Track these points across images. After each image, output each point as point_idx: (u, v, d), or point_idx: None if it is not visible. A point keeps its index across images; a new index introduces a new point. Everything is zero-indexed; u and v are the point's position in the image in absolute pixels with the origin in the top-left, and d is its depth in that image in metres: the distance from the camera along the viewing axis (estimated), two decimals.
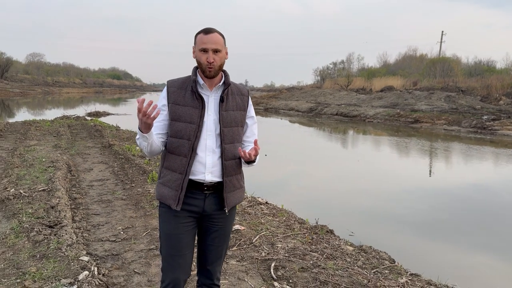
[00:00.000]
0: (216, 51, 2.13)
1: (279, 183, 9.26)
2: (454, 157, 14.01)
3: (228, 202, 2.23)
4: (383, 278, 3.39)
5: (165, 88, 2.25)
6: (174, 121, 2.18)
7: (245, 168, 2.35)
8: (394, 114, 28.73)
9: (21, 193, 5.83)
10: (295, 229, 4.67)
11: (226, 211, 2.24)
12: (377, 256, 4.01)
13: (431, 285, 3.38)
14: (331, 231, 4.80)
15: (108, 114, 25.27)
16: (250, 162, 2.21)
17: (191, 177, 2.16)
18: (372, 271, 3.60)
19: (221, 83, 2.23)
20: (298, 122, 27.00)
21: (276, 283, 3.26)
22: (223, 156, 2.18)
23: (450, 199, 8.30)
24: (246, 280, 3.37)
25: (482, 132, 21.53)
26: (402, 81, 43.04)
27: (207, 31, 2.15)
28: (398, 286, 3.25)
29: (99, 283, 3.15)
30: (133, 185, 6.72)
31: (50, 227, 4.52)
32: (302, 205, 6.94)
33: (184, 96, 2.19)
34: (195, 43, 2.19)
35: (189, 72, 2.27)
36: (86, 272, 3.29)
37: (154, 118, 1.98)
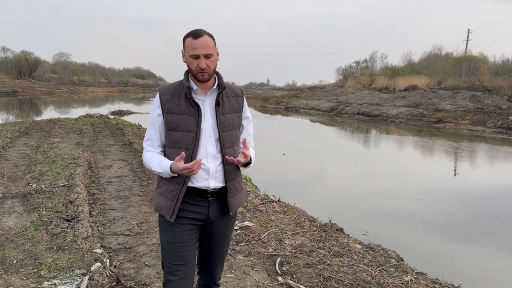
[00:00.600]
0: (207, 56, 2.05)
1: (295, 182, 9.29)
2: (475, 157, 13.74)
3: (233, 207, 2.20)
4: (387, 276, 3.42)
5: (157, 96, 2.17)
6: (170, 131, 2.12)
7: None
8: (417, 114, 28.31)
9: (42, 188, 6.06)
10: (305, 227, 4.72)
11: (231, 215, 2.23)
12: (385, 255, 4.03)
13: (436, 284, 3.39)
14: (341, 229, 4.83)
15: (131, 113, 25.73)
16: (246, 164, 2.15)
17: (195, 184, 2.10)
18: (378, 268, 3.63)
19: (215, 87, 2.16)
20: (318, 121, 26.90)
21: (280, 278, 3.33)
22: (225, 161, 2.13)
23: (473, 200, 8.18)
24: (251, 274, 3.45)
25: (507, 133, 21.02)
26: (427, 80, 42.41)
27: (196, 35, 2.05)
28: (402, 284, 3.27)
29: (110, 274, 3.28)
30: (150, 181, 6.88)
31: (68, 220, 4.71)
32: (318, 204, 6.98)
33: (179, 104, 2.12)
34: (184, 48, 2.11)
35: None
36: (99, 264, 3.43)
37: (196, 173, 2.01)
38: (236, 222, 4.69)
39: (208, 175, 2.11)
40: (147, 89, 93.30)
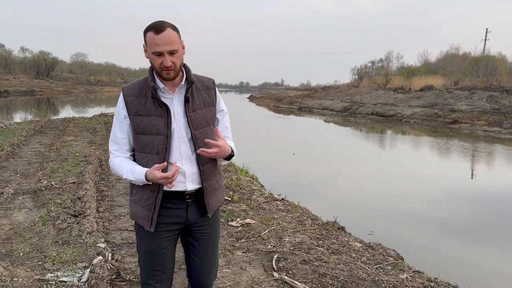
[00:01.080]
0: (172, 52, 1.87)
1: (303, 181, 9.32)
2: (486, 159, 13.56)
3: (210, 207, 2.09)
4: (383, 274, 3.45)
5: (121, 96, 2.01)
6: (139, 135, 1.98)
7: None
8: (432, 114, 28.02)
9: (52, 184, 6.22)
10: (306, 225, 4.77)
11: (210, 216, 2.10)
12: (384, 253, 4.05)
13: (431, 282, 3.40)
14: (342, 228, 4.86)
15: None
16: (228, 158, 2.07)
17: (172, 189, 1.99)
18: (375, 266, 3.65)
19: (183, 82, 2.00)
20: (331, 121, 26.80)
21: (275, 274, 3.39)
22: (200, 162, 2.02)
23: (484, 202, 8.10)
24: (248, 270, 3.52)
25: None
26: (443, 80, 41.96)
27: (157, 29, 1.85)
28: (398, 281, 3.29)
29: (110, 268, 3.38)
30: None
31: (75, 216, 4.83)
32: (324, 204, 7.02)
33: (145, 105, 1.96)
34: (145, 42, 1.91)
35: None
36: (101, 257, 3.53)
37: (173, 184, 1.91)
38: (238, 219, 4.76)
39: (185, 178, 2.01)
40: None
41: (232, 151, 2.07)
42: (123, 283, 3.28)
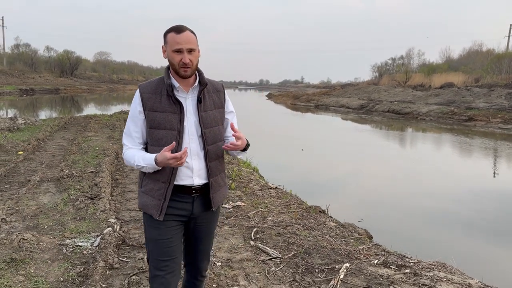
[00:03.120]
0: (190, 50, 2.07)
1: (305, 175, 9.91)
2: (491, 155, 13.86)
3: (215, 202, 2.23)
4: (344, 244, 4.07)
5: (137, 93, 2.18)
6: (153, 129, 2.12)
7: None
8: (448, 112, 27.99)
9: (73, 173, 7.02)
10: (291, 208, 5.40)
11: (214, 210, 2.26)
12: (353, 231, 4.65)
13: (384, 251, 4.00)
14: (323, 211, 5.47)
15: None
16: (245, 148, 2.20)
17: (179, 182, 2.13)
18: (340, 239, 4.27)
19: (196, 83, 2.18)
20: (348, 119, 27.18)
21: (252, 242, 4.06)
22: (208, 158, 2.16)
23: (482, 198, 8.57)
24: (230, 239, 4.20)
25: None
26: (464, 78, 41.45)
27: (178, 29, 2.07)
28: (354, 250, 3.91)
29: (118, 236, 4.11)
30: None
31: (91, 198, 5.59)
32: (318, 193, 7.61)
33: (161, 102, 2.12)
34: (165, 43, 2.11)
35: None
36: (110, 229, 4.26)
37: (183, 164, 2.02)
38: (230, 202, 5.43)
39: (192, 172, 2.14)
40: None
41: (247, 141, 2.22)
42: (127, 247, 4.01)
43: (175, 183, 2.11)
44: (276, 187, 6.61)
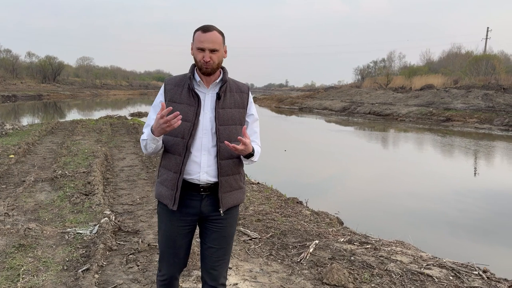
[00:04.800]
0: (213, 50, 2.11)
1: (287, 172, 10.45)
2: (458, 150, 14.62)
3: (224, 203, 2.18)
4: (316, 227, 4.60)
5: (163, 85, 2.27)
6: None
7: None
8: (427, 113, 28.84)
9: (66, 173, 7.43)
10: (271, 200, 5.92)
11: (221, 212, 2.19)
12: (326, 217, 5.19)
13: (351, 232, 4.54)
14: (300, 202, 6.01)
15: None
16: (248, 156, 2.19)
17: (187, 177, 2.15)
18: (312, 224, 4.80)
19: (218, 80, 2.21)
20: (327, 121, 27.86)
21: None
22: (219, 155, 2.15)
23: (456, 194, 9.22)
24: None
25: None
26: (443, 79, 42.41)
27: (205, 29, 2.13)
28: (324, 232, 4.44)
29: (114, 224, 4.58)
30: (155, 169, 8.18)
31: (86, 195, 6.03)
32: (299, 188, 8.15)
33: (181, 94, 2.19)
34: (193, 40, 2.18)
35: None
36: (106, 219, 4.72)
37: (174, 127, 2.02)
38: None
39: (200, 168, 2.14)
40: None
41: (253, 151, 2.18)
42: (123, 233, 4.48)
43: (185, 176, 2.15)
44: (258, 183, 7.12)
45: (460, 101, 29.86)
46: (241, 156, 2.20)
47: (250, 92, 2.33)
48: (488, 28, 54.54)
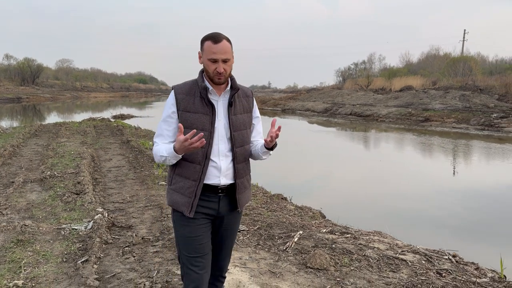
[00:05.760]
0: (225, 60, 2.14)
1: (271, 171, 10.75)
2: (433, 146, 15.18)
3: (241, 203, 2.31)
4: (300, 220, 4.89)
5: (172, 94, 2.26)
6: (186, 129, 2.14)
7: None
8: (406, 114, 29.48)
9: (55, 174, 7.56)
10: (257, 196, 6.19)
11: (240, 211, 2.37)
12: (309, 211, 5.50)
13: (332, 224, 4.85)
14: (285, 198, 6.30)
15: (132, 116, 27.22)
16: (273, 148, 2.29)
17: (207, 181, 2.21)
18: (297, 217, 5.09)
19: (228, 88, 2.26)
20: (308, 121, 28.30)
21: None
22: (235, 160, 2.24)
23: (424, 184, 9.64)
24: None
25: (489, 130, 22.24)
26: (422, 81, 43.14)
27: (216, 39, 2.13)
28: (308, 224, 4.74)
29: (107, 220, 4.79)
30: (142, 169, 8.37)
31: (77, 194, 6.20)
32: (285, 189, 8.45)
33: (194, 103, 2.21)
34: (202, 50, 2.19)
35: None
36: (100, 215, 4.92)
37: (199, 147, 2.07)
38: None
39: (220, 172, 2.22)
40: (149, 93, 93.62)
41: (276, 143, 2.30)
42: (117, 228, 4.71)
43: (204, 182, 2.20)
44: None
45: (438, 101, 30.57)
46: (265, 149, 2.30)
47: (253, 96, 2.44)
48: (465, 30, 55.76)
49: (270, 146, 2.23)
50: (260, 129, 2.46)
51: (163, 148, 2.18)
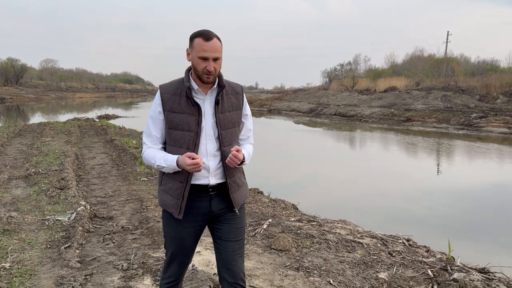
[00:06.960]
0: (216, 59, 2.10)
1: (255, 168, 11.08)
2: (418, 147, 15.70)
3: (236, 202, 2.26)
4: (272, 210, 5.24)
5: (158, 94, 2.22)
6: (171, 130, 2.17)
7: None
8: (388, 114, 30.06)
9: (39, 171, 7.80)
10: None
11: (236, 211, 2.28)
12: (282, 203, 5.86)
13: (304, 214, 5.21)
14: (261, 192, 6.64)
15: (117, 117, 27.30)
16: (240, 164, 2.22)
17: (196, 182, 2.18)
18: (270, 208, 5.44)
19: (215, 86, 2.20)
20: (295, 122, 28.73)
21: None
22: (224, 159, 2.17)
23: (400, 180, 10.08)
24: None
25: (468, 129, 22.87)
26: (406, 82, 43.82)
27: (207, 37, 2.08)
28: (279, 213, 5.09)
29: (89, 212, 5.07)
30: (125, 166, 8.65)
31: (61, 189, 6.46)
32: (265, 182, 8.80)
33: (180, 103, 2.17)
34: (191, 47, 2.14)
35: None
36: (82, 207, 5.21)
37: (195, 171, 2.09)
38: None
39: (208, 173, 2.18)
40: (135, 94, 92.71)
41: (244, 158, 2.21)
42: (99, 219, 5.01)
43: (192, 182, 2.17)
44: None
45: (420, 102, 31.20)
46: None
47: (244, 92, 2.37)
48: (448, 32, 56.84)
49: (232, 166, 2.17)
50: (249, 126, 2.39)
51: (160, 156, 2.18)
